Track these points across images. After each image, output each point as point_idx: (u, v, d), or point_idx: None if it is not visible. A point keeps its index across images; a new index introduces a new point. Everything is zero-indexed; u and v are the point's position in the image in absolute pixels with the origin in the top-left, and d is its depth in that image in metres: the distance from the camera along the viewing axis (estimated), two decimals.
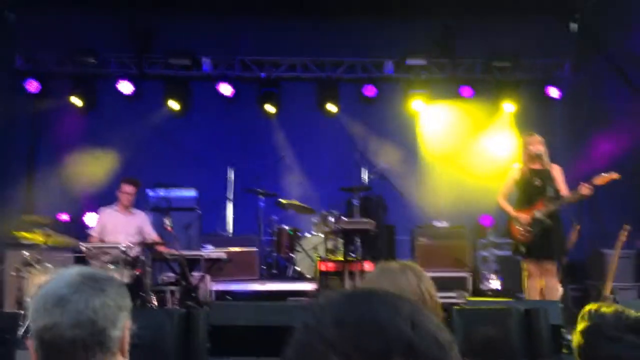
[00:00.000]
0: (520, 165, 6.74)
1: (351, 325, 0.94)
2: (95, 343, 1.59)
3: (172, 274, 7.32)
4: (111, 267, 6.27)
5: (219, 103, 10.60)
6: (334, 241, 8.48)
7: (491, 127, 10.65)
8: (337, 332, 0.93)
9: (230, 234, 9.46)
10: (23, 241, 7.13)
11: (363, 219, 7.57)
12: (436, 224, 9.35)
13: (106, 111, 10.45)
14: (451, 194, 10.17)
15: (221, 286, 8.50)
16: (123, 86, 10.22)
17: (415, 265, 2.23)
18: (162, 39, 10.45)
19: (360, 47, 10.55)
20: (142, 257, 6.77)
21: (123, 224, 7.41)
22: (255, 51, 10.59)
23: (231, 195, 9.66)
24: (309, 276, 8.70)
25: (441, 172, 10.45)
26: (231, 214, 9.63)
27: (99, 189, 9.62)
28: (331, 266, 7.97)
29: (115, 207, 7.55)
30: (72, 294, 1.59)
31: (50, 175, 10.10)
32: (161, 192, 9.11)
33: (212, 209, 9.02)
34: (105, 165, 9.88)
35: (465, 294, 8.56)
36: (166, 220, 6.93)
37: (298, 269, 8.86)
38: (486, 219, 9.82)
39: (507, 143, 10.23)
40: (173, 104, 10.37)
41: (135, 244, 6.66)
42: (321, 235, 8.64)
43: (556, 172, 6.65)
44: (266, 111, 10.55)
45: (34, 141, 10.35)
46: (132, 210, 7.56)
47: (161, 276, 7.82)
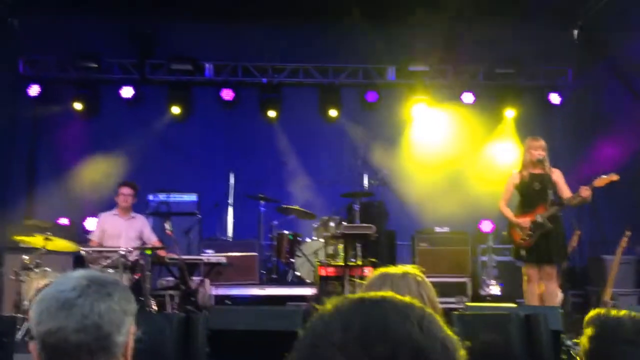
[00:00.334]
0: (520, 169, 6.73)
1: (359, 328, 0.95)
2: (100, 348, 1.58)
3: (172, 278, 7.31)
4: (111, 271, 6.26)
5: (220, 108, 10.62)
6: (334, 246, 8.48)
7: (493, 133, 10.66)
8: (345, 336, 0.94)
9: (230, 239, 9.45)
10: (23, 245, 7.14)
11: (363, 224, 7.55)
12: (436, 229, 9.35)
13: (108, 116, 10.48)
14: (452, 199, 10.16)
15: (221, 291, 8.50)
16: (125, 91, 10.25)
17: (416, 270, 2.22)
18: (164, 44, 10.47)
19: (362, 53, 10.57)
20: (141, 261, 6.77)
21: (123, 228, 7.42)
22: (257, 57, 10.61)
23: (232, 200, 9.66)
24: (309, 281, 8.69)
25: (442, 178, 10.44)
26: (231, 219, 9.63)
27: (100, 193, 9.63)
28: (331, 271, 7.95)
29: (114, 212, 7.56)
30: (77, 297, 1.58)
31: (51, 179, 10.13)
32: (162, 197, 9.13)
33: (212, 213, 9.02)
34: (106, 170, 9.89)
35: (465, 299, 8.55)
36: (166, 225, 6.93)
37: (298, 273, 8.85)
38: (486, 225, 9.81)
39: (509, 149, 10.23)
40: (175, 109, 10.40)
41: (134, 248, 6.65)
42: (322, 240, 8.63)
43: (557, 177, 6.64)
44: (268, 116, 10.57)
45: (35, 146, 10.37)
46: (132, 214, 7.56)
47: (161, 280, 7.82)
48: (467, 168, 10.45)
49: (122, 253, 6.29)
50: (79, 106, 10.18)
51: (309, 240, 9.06)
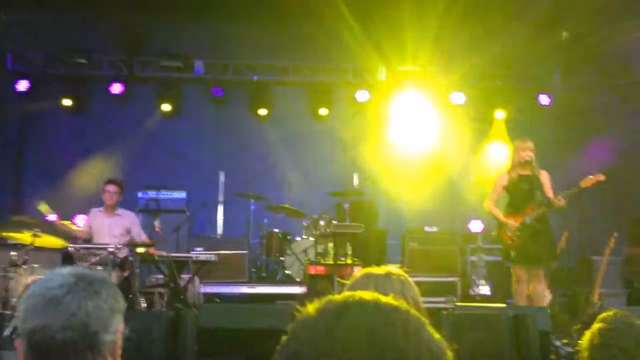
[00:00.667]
0: (509, 170, 6.76)
1: (343, 334, 0.93)
2: (87, 346, 1.55)
3: (161, 276, 7.28)
4: (99, 268, 6.23)
5: (210, 106, 10.59)
6: (324, 245, 8.48)
7: (482, 134, 10.70)
8: (329, 342, 0.92)
9: (220, 237, 9.43)
10: (10, 241, 7.08)
11: (353, 224, 7.56)
12: (426, 229, 9.37)
13: (97, 112, 10.41)
14: (441, 199, 10.20)
15: (210, 289, 8.48)
16: (115, 88, 10.19)
17: (400, 270, 2.22)
18: (154, 41, 10.43)
19: (352, 52, 10.55)
20: (130, 258, 6.74)
21: (107, 226, 7.38)
22: (248, 55, 10.58)
23: (222, 198, 9.64)
24: (298, 280, 8.69)
25: (432, 178, 10.47)
26: (221, 217, 9.60)
27: (88, 190, 9.57)
28: (321, 270, 7.96)
29: (101, 209, 7.53)
30: (64, 295, 1.55)
31: (39, 175, 10.06)
32: (151, 194, 9.09)
33: (202, 211, 8.99)
34: (95, 166, 9.83)
35: (454, 299, 8.57)
36: (156, 222, 6.90)
37: (288, 272, 8.84)
38: (476, 225, 9.84)
39: (498, 149, 10.27)
40: (165, 107, 10.35)
41: (123, 244, 6.62)
42: (311, 239, 8.64)
43: (544, 178, 6.68)
44: (258, 115, 10.55)
45: (23, 141, 10.30)
46: (118, 211, 7.52)
47: (150, 278, 7.79)
48: (456, 168, 10.48)
49: (111, 250, 6.25)
50: (67, 102, 10.11)
51: (298, 238, 9.06)
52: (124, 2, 9.70)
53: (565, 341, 5.72)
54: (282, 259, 8.97)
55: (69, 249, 6.63)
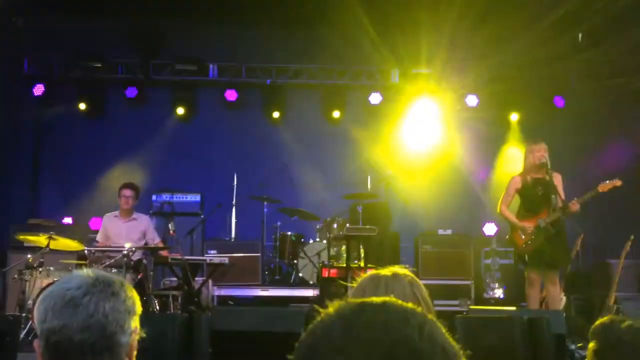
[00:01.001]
0: (522, 173, 6.67)
1: (358, 331, 0.95)
2: (104, 348, 1.57)
3: (175, 279, 7.31)
4: (114, 271, 6.27)
5: (224, 109, 10.62)
6: (337, 248, 8.48)
7: (496, 136, 10.64)
8: (345, 338, 0.95)
9: (233, 240, 9.46)
10: (27, 244, 7.16)
11: (366, 226, 7.55)
12: (440, 231, 9.33)
13: (112, 116, 10.49)
14: (455, 202, 10.16)
15: (224, 291, 8.51)
16: (129, 91, 10.26)
17: (406, 271, 2.19)
18: (169, 44, 10.47)
19: (366, 55, 10.55)
20: (144, 261, 6.77)
21: (124, 230, 7.41)
22: (262, 58, 10.61)
23: (235, 201, 9.67)
24: (311, 282, 8.69)
25: (446, 180, 10.43)
26: (235, 220, 9.63)
27: (104, 193, 9.66)
28: (334, 272, 7.96)
29: (116, 213, 7.56)
30: (82, 296, 1.57)
31: (55, 179, 10.16)
32: (165, 197, 9.14)
33: (216, 214, 9.02)
34: (110, 170, 9.91)
35: (468, 302, 8.53)
36: (170, 225, 6.93)
37: (301, 275, 8.84)
38: (490, 227, 9.79)
39: (512, 152, 10.21)
40: (179, 110, 10.40)
41: (137, 247, 6.65)
42: (324, 241, 8.63)
43: (557, 181, 6.58)
44: (272, 117, 10.56)
45: (39, 145, 10.39)
46: (134, 216, 7.55)
47: (164, 280, 7.83)
48: (470, 170, 10.43)
49: (125, 253, 6.29)
50: (83, 106, 10.19)
51: (312, 241, 9.06)
52: (139, 5, 9.75)
53: (580, 345, 5.66)
54: (295, 261, 8.97)
55: (85, 251, 6.67)
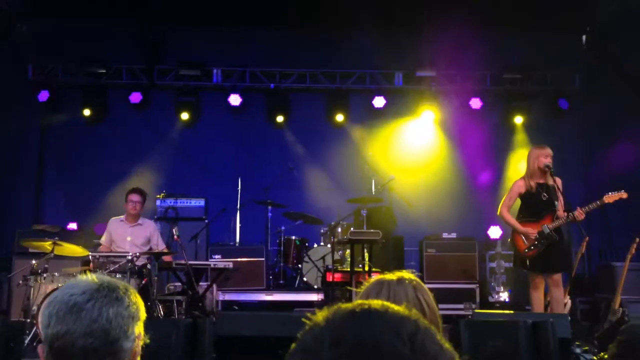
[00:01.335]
0: (526, 177, 6.63)
1: (348, 344, 0.93)
2: (107, 353, 1.57)
3: (179, 284, 7.31)
4: (118, 276, 6.27)
5: (228, 114, 10.64)
6: (341, 252, 8.47)
7: (501, 139, 10.63)
8: (334, 351, 0.93)
9: (237, 244, 9.46)
10: (31, 250, 7.17)
11: (370, 230, 7.53)
12: (444, 235, 9.31)
13: (116, 121, 10.52)
14: (460, 205, 10.14)
15: (228, 296, 8.52)
16: (134, 96, 10.29)
17: (412, 275, 2.20)
18: (173, 50, 10.51)
19: (369, 59, 10.57)
20: (148, 266, 6.78)
21: (129, 235, 7.42)
22: (265, 62, 10.63)
23: (239, 205, 9.68)
24: (316, 287, 8.68)
25: (450, 184, 10.42)
26: (239, 224, 9.64)
27: (108, 198, 9.68)
28: (338, 277, 7.95)
29: (122, 218, 7.57)
30: (86, 301, 1.58)
31: (60, 184, 10.19)
32: (169, 202, 9.15)
33: (220, 218, 9.03)
34: (115, 175, 9.92)
35: (473, 306, 8.51)
36: (174, 230, 6.93)
37: (305, 279, 8.84)
38: (495, 231, 9.77)
39: (517, 155, 10.20)
40: (183, 115, 10.41)
41: (142, 253, 6.66)
42: (329, 246, 8.63)
43: (558, 185, 6.56)
44: (275, 122, 10.58)
45: (44, 150, 10.42)
46: (140, 221, 7.56)
47: (168, 285, 7.83)
48: (475, 173, 10.41)
49: (129, 258, 6.29)
50: (87, 111, 10.22)
51: (316, 245, 9.06)
52: (142, 11, 9.79)
53: (585, 348, 5.65)
54: (299, 266, 8.97)
55: (89, 257, 6.68)
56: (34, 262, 6.22)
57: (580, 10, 9.98)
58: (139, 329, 1.66)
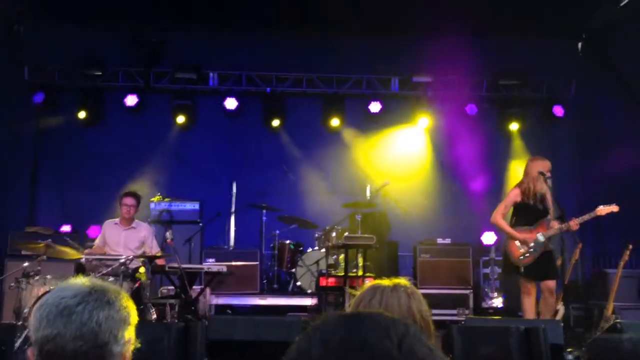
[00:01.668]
0: (523, 186, 6.69)
1: (337, 344, 0.94)
2: (97, 356, 1.57)
3: (172, 287, 7.30)
4: (111, 279, 6.25)
5: (224, 117, 10.63)
6: (335, 256, 8.46)
7: (496, 145, 10.64)
8: (323, 350, 0.94)
9: (232, 248, 9.45)
10: (24, 252, 7.14)
11: (365, 235, 7.53)
12: (439, 240, 9.32)
13: (112, 123, 10.50)
14: (454, 211, 10.15)
15: (222, 300, 8.51)
16: (130, 99, 10.28)
17: (408, 283, 2.21)
18: (169, 53, 10.50)
19: (366, 64, 10.59)
20: (142, 269, 6.74)
21: (123, 238, 7.40)
22: (261, 66, 10.64)
23: (234, 209, 9.67)
24: (309, 291, 8.67)
25: (444, 189, 10.43)
26: (233, 228, 9.63)
27: (103, 201, 9.65)
28: (332, 281, 7.95)
29: (116, 221, 7.55)
30: (77, 304, 1.57)
31: (54, 187, 10.16)
32: (164, 205, 9.14)
33: (214, 222, 9.02)
34: (110, 178, 9.90)
35: (467, 311, 8.51)
36: (167, 233, 6.92)
37: (299, 283, 8.83)
38: (489, 237, 9.77)
39: (512, 161, 10.22)
40: (179, 118, 10.40)
41: (134, 256, 6.64)
42: (323, 250, 8.62)
43: (549, 195, 6.66)
44: (271, 126, 10.57)
45: (39, 153, 10.40)
46: (134, 224, 7.53)
47: (161, 289, 7.81)
48: (469, 179, 10.42)
49: (122, 261, 6.28)
50: (83, 114, 10.20)
51: (310, 250, 9.05)
52: (139, 14, 9.79)
53: (577, 354, 5.65)
54: (293, 270, 8.96)
55: (82, 260, 6.66)
56: (26, 264, 6.19)
57: (576, 17, 10.03)
58: (129, 333, 1.65)
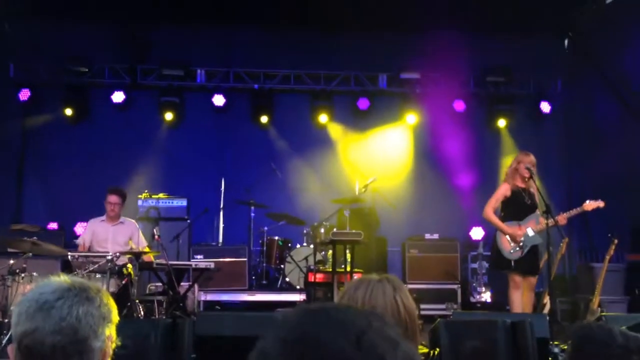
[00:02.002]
0: (510, 181, 6.77)
1: (292, 342, 0.94)
2: (76, 351, 1.56)
3: (160, 284, 7.28)
4: (98, 276, 6.23)
5: (212, 114, 10.61)
6: (324, 252, 8.47)
7: (484, 141, 10.69)
8: (280, 350, 0.94)
9: (220, 244, 9.43)
10: (10, 250, 7.09)
11: (352, 231, 7.54)
12: (427, 236, 9.35)
13: (99, 121, 10.44)
14: (442, 206, 10.18)
15: (210, 296, 8.50)
16: (116, 96, 10.22)
17: (395, 277, 2.22)
18: (156, 49, 10.47)
19: (354, 60, 10.59)
20: (129, 265, 6.71)
21: (112, 233, 7.38)
22: (249, 63, 10.62)
23: (222, 205, 9.66)
24: (298, 287, 8.68)
25: (433, 185, 10.46)
26: (222, 224, 9.62)
27: (89, 198, 9.58)
28: (320, 277, 7.95)
29: (102, 218, 7.52)
30: (56, 300, 1.57)
31: (40, 184, 10.10)
32: (151, 202, 9.11)
33: (202, 218, 9.00)
34: (96, 175, 9.84)
35: (455, 306, 8.55)
36: (154, 230, 6.90)
37: (288, 279, 8.84)
38: (477, 232, 9.82)
39: (499, 157, 10.26)
40: (167, 115, 10.35)
41: (121, 253, 6.62)
42: (311, 246, 8.63)
43: (535, 190, 6.74)
44: (259, 122, 10.56)
45: (24, 150, 10.32)
46: (121, 220, 7.51)
47: (149, 286, 7.79)
48: (457, 175, 10.46)
49: (109, 258, 6.25)
50: (69, 111, 10.14)
51: (299, 246, 9.06)
52: (125, 10, 9.74)
53: (564, 347, 5.68)
54: (282, 266, 8.97)
55: (68, 256, 6.62)
56: (12, 261, 6.15)
57: (563, 14, 10.08)
58: (110, 330, 1.65)
